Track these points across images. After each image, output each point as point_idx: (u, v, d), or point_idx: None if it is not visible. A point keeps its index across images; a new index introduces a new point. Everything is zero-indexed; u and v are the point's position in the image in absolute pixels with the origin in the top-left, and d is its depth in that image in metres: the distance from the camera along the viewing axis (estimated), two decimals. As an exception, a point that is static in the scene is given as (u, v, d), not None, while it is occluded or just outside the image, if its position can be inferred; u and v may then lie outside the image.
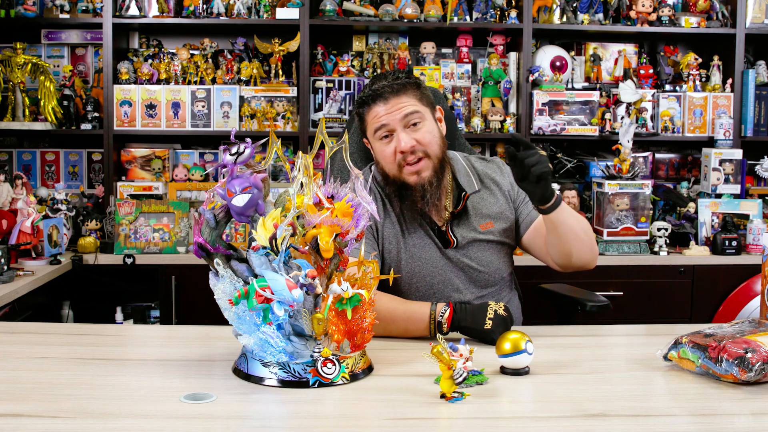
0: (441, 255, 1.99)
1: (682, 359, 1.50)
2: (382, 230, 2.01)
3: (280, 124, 3.73)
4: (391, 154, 1.92)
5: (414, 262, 1.98)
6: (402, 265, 1.98)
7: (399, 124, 1.90)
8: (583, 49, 3.96)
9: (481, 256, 2.00)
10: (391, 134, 1.92)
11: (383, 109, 1.91)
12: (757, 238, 3.45)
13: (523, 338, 1.48)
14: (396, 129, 1.90)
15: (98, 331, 1.84)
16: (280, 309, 1.36)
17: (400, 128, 1.90)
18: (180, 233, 3.40)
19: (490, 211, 2.03)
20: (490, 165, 2.11)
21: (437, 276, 1.98)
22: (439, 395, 1.34)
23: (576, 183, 3.74)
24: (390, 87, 1.91)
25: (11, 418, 1.25)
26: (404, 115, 1.90)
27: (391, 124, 1.91)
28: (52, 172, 3.83)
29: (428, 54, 3.85)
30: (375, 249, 1.98)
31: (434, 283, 1.98)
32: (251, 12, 3.70)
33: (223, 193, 1.46)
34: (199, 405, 1.31)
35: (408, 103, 1.91)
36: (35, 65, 3.62)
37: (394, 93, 1.91)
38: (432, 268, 1.98)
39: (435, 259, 1.98)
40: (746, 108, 3.80)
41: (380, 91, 1.91)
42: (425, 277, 1.98)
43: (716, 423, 1.28)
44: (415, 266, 1.98)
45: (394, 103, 1.90)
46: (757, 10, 3.77)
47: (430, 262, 1.98)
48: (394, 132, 1.91)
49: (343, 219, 1.45)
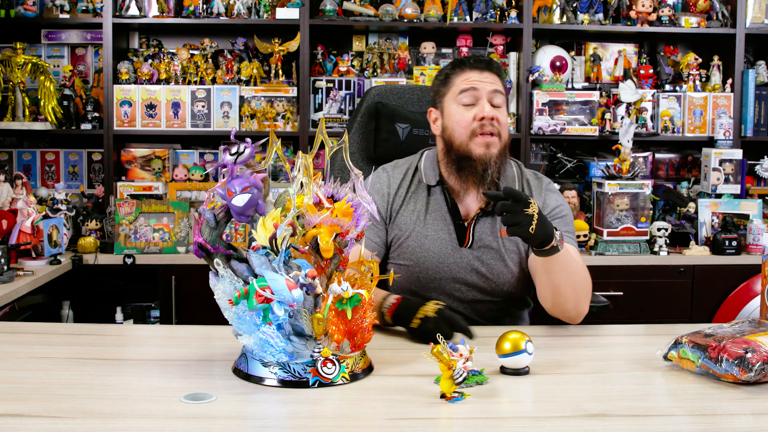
0: (452, 251, 1.98)
1: (682, 359, 1.50)
2: (401, 208, 2.01)
3: (280, 124, 3.73)
4: (470, 119, 1.92)
5: (422, 252, 1.98)
6: (408, 251, 1.98)
7: (486, 96, 1.93)
8: (583, 49, 3.96)
9: (493, 265, 1.98)
10: (475, 102, 1.93)
11: (480, 76, 1.94)
12: (757, 238, 3.45)
13: (523, 338, 1.48)
14: (482, 97, 1.93)
15: (98, 331, 1.84)
16: (280, 309, 1.36)
17: (486, 99, 1.93)
18: (180, 233, 3.40)
19: None
20: (536, 181, 2.07)
21: (442, 272, 1.97)
22: (439, 395, 1.34)
23: (576, 183, 3.74)
24: (486, 61, 1.97)
25: (11, 418, 1.25)
26: (493, 90, 1.94)
27: (480, 90, 1.93)
28: (52, 172, 3.83)
29: (428, 54, 3.85)
30: (378, 228, 1.99)
31: (438, 278, 1.98)
32: (251, 12, 3.70)
33: (223, 193, 1.46)
34: (199, 405, 1.31)
35: (497, 82, 1.96)
36: (35, 65, 3.62)
37: (489, 68, 1.96)
38: (439, 263, 1.97)
39: (445, 254, 1.97)
40: (746, 108, 3.80)
41: (479, 58, 1.98)
42: (428, 270, 1.98)
43: (716, 423, 1.28)
44: (422, 256, 1.97)
45: (487, 75, 1.95)
46: (757, 10, 3.77)
47: (437, 257, 1.97)
48: (479, 100, 1.93)
49: (343, 219, 1.45)
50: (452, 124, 1.95)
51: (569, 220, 2.02)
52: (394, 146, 2.38)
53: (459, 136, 1.93)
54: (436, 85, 2.03)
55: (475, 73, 1.94)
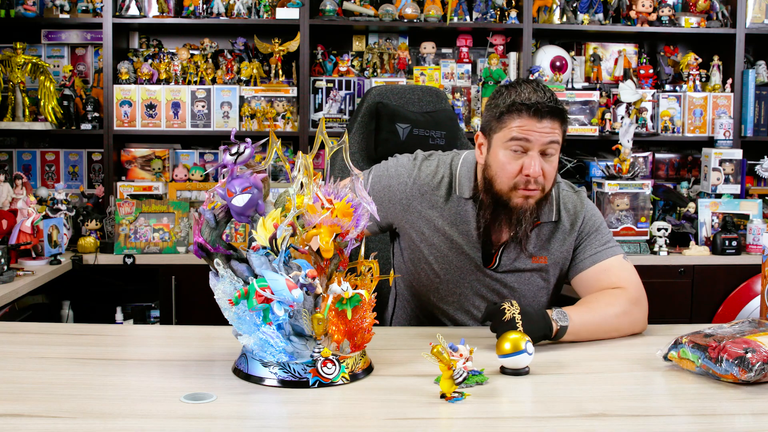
0: (475, 269, 1.91)
1: (682, 359, 1.50)
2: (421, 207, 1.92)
3: (280, 124, 3.73)
4: (515, 171, 1.78)
5: (445, 264, 1.91)
6: (431, 258, 1.92)
7: (538, 148, 1.76)
8: (583, 49, 3.96)
9: (518, 286, 1.92)
10: (525, 151, 1.77)
11: (537, 126, 1.75)
12: (757, 238, 3.44)
13: (523, 338, 1.48)
14: (533, 150, 1.76)
15: (98, 331, 1.84)
16: (280, 309, 1.36)
17: (537, 152, 1.77)
18: (180, 233, 3.40)
19: (551, 246, 1.91)
20: (574, 195, 1.96)
21: (463, 287, 1.92)
22: (439, 395, 1.34)
23: (576, 183, 3.74)
24: (550, 108, 1.75)
25: (11, 418, 1.25)
26: (549, 142, 1.76)
27: (534, 143, 1.76)
28: (52, 172, 3.83)
29: (428, 54, 3.85)
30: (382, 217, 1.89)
31: (458, 292, 1.92)
32: (251, 12, 3.70)
33: (223, 193, 1.46)
34: (199, 405, 1.31)
35: (555, 132, 1.77)
36: (35, 65, 3.62)
37: (551, 115, 1.76)
38: (460, 278, 1.91)
39: (468, 270, 1.91)
40: (746, 108, 3.80)
41: (542, 105, 1.75)
42: (449, 283, 1.92)
43: (716, 423, 1.28)
44: (444, 268, 1.91)
45: (546, 124, 1.75)
46: (757, 10, 3.77)
47: (460, 271, 1.91)
48: (529, 151, 1.76)
49: (343, 219, 1.45)
50: (497, 168, 1.81)
51: (603, 228, 1.94)
52: (394, 146, 2.37)
53: (500, 183, 1.81)
54: (489, 115, 1.83)
55: (534, 121, 1.75)
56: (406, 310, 2.05)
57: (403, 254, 1.99)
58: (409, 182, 1.93)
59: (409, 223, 1.94)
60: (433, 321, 1.99)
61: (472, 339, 1.70)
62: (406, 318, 2.06)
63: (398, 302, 2.09)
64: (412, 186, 1.93)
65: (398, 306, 2.08)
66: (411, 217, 1.93)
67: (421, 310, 2.01)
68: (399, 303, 2.08)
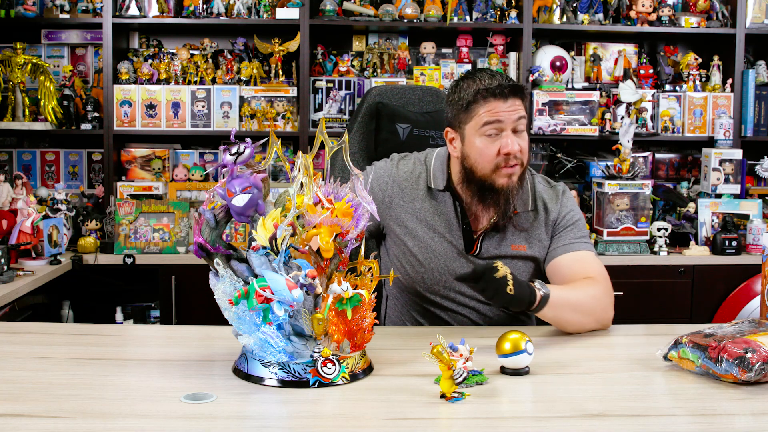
0: (458, 256, 1.96)
1: (682, 359, 1.50)
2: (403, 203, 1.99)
3: (280, 124, 3.73)
4: (494, 153, 1.86)
5: (428, 254, 1.96)
6: (414, 250, 1.96)
7: (510, 126, 1.86)
8: (583, 49, 3.96)
9: None
10: (498, 133, 1.85)
11: (503, 106, 1.84)
12: (757, 238, 3.45)
13: (523, 338, 1.48)
14: (506, 129, 1.85)
15: (98, 331, 1.84)
16: (280, 309, 1.36)
17: (510, 130, 1.86)
18: (180, 233, 3.40)
19: (528, 235, 1.97)
20: (550, 190, 2.03)
21: (447, 275, 1.96)
22: (439, 395, 1.34)
23: (576, 183, 3.74)
24: (509, 87, 1.86)
25: (11, 418, 1.25)
26: (517, 118, 1.86)
27: (505, 122, 1.85)
28: (52, 172, 3.83)
29: (428, 54, 3.85)
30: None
31: (443, 280, 1.96)
32: (251, 12, 3.70)
33: (223, 193, 1.46)
34: (199, 405, 1.31)
35: (520, 108, 1.87)
36: (35, 65, 3.62)
37: (513, 93, 1.86)
38: (444, 266, 1.96)
39: (451, 258, 1.96)
40: (746, 108, 3.80)
41: (503, 87, 1.85)
42: (434, 272, 1.96)
43: (716, 423, 1.28)
44: (428, 257, 1.96)
45: (511, 103, 1.85)
46: (757, 10, 3.78)
47: (443, 259, 1.96)
48: (503, 132, 1.85)
49: (343, 219, 1.45)
50: (475, 155, 1.88)
51: (581, 224, 1.99)
52: (394, 146, 2.37)
53: (482, 168, 1.88)
54: (455, 109, 1.92)
55: (501, 103, 1.84)
56: (396, 308, 2.08)
57: (389, 252, 2.05)
58: (389, 181, 2.02)
59: (393, 219, 2.00)
60: (423, 314, 2.02)
61: (473, 339, 1.70)
62: (397, 316, 2.08)
63: (389, 302, 2.12)
64: (392, 184, 2.01)
65: (389, 306, 2.12)
66: (394, 213, 2.00)
67: (411, 305, 2.04)
68: (390, 303, 2.12)
